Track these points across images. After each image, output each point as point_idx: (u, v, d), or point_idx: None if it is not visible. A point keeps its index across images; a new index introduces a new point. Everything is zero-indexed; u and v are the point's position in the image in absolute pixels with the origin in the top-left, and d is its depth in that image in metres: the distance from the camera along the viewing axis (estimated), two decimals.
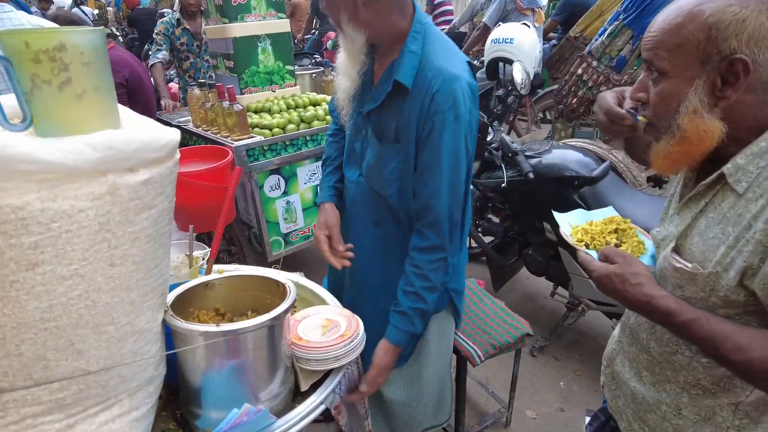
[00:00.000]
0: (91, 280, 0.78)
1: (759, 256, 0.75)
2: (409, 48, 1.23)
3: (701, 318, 0.80)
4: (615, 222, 1.02)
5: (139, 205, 0.83)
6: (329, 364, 1.13)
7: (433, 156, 1.23)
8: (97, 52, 0.81)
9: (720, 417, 0.89)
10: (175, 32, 3.23)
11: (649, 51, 0.82)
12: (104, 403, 0.85)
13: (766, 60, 0.73)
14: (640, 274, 0.85)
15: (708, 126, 0.78)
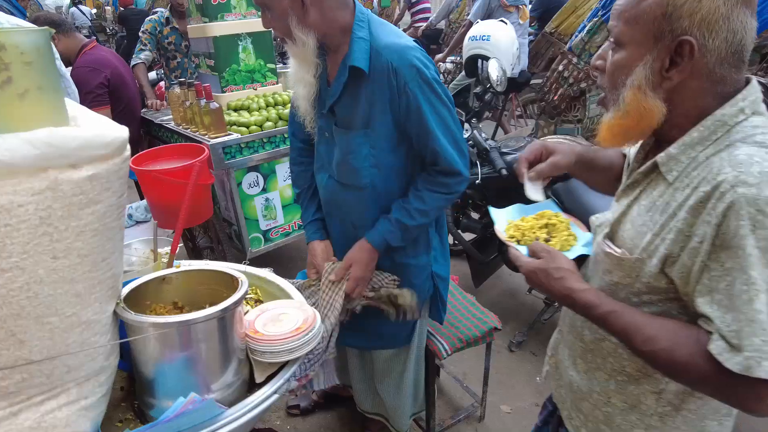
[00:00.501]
0: (32, 272, 0.81)
1: (680, 245, 0.77)
2: (357, 35, 1.29)
3: (617, 310, 0.83)
4: (546, 217, 1.04)
5: (83, 200, 0.86)
6: (283, 357, 1.16)
7: (420, 125, 1.32)
8: (40, 51, 0.83)
9: (644, 405, 0.92)
10: (163, 31, 3.25)
11: (612, 20, 0.83)
12: (50, 392, 0.88)
13: (715, 47, 0.74)
14: (562, 268, 0.88)
15: (649, 104, 0.79)
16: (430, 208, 1.40)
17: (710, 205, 0.73)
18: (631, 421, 0.95)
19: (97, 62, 2.50)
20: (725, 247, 0.72)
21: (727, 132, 0.77)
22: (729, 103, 0.77)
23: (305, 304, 1.32)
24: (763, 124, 0.77)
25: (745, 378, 0.70)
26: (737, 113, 0.77)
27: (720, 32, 0.73)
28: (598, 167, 1.12)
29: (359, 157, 1.37)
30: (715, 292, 0.74)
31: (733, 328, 0.71)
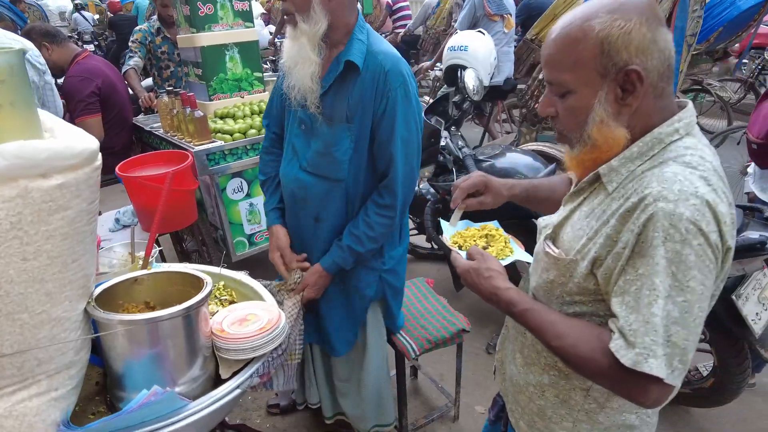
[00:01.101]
0: (3, 272, 0.88)
1: (607, 249, 0.84)
2: (356, 37, 1.39)
3: (534, 308, 0.90)
4: (487, 229, 1.15)
5: (52, 206, 0.93)
6: (247, 354, 1.23)
7: (389, 129, 1.39)
8: (13, 70, 0.91)
9: (573, 400, 0.99)
10: (155, 41, 3.33)
11: (549, 71, 0.87)
12: (21, 383, 0.95)
13: (653, 66, 0.80)
14: (492, 269, 0.96)
15: (614, 134, 0.84)
16: (377, 234, 1.50)
17: (635, 215, 0.79)
18: (561, 415, 1.02)
19: (88, 71, 2.58)
20: (641, 254, 0.79)
21: (663, 149, 0.84)
22: (666, 123, 0.84)
23: (273, 306, 1.39)
24: (693, 145, 0.84)
25: (634, 372, 0.78)
26: (672, 132, 0.84)
27: (654, 53, 0.80)
28: (538, 200, 1.22)
29: (341, 149, 1.43)
30: (626, 294, 0.81)
31: (633, 327, 0.78)
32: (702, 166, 0.80)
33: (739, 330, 1.72)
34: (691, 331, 0.78)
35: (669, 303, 0.76)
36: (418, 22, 7.15)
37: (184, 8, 2.55)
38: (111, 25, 8.92)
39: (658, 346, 0.77)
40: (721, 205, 0.78)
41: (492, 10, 4.05)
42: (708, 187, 0.78)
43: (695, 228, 0.75)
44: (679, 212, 0.75)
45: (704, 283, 0.77)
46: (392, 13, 7.60)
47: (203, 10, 2.50)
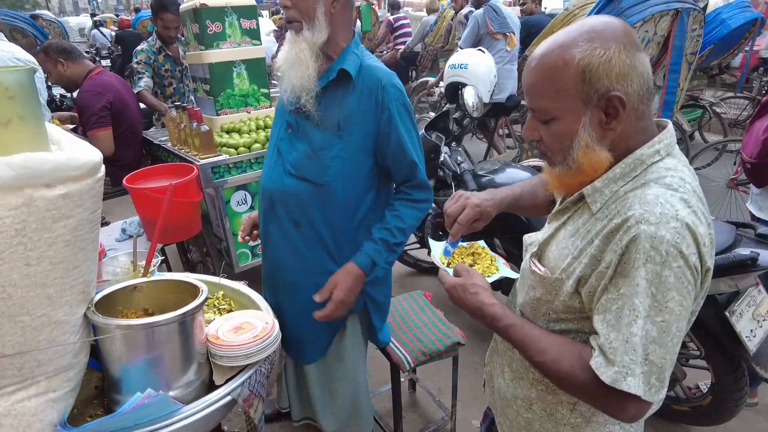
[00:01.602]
0: (7, 276, 0.93)
1: (591, 268, 0.87)
2: (351, 50, 1.45)
3: (518, 324, 0.93)
4: (474, 248, 1.19)
5: (55, 215, 0.98)
6: (240, 361, 1.26)
7: (398, 138, 1.45)
8: (23, 87, 0.97)
9: (560, 414, 1.01)
10: (158, 59, 3.44)
11: (531, 98, 0.90)
12: (21, 383, 1.00)
13: (634, 90, 0.83)
14: (477, 285, 1.00)
15: (599, 157, 0.86)
16: (407, 225, 1.52)
17: (618, 236, 0.82)
18: (548, 429, 1.03)
19: (101, 86, 2.68)
20: (623, 275, 0.81)
21: (645, 170, 0.86)
22: (647, 145, 0.87)
23: (268, 315, 1.43)
24: (674, 166, 0.86)
25: (612, 389, 0.80)
26: (653, 154, 0.87)
27: (633, 78, 0.82)
28: (522, 207, 1.25)
29: (329, 154, 1.46)
30: (607, 312, 0.83)
31: (613, 346, 0.81)
32: (682, 188, 0.83)
33: (734, 347, 1.72)
34: (668, 350, 0.80)
35: (648, 323, 0.79)
36: (416, 39, 7.38)
37: (194, 26, 2.64)
38: (118, 40, 9.62)
39: (636, 365, 0.79)
40: (701, 226, 0.81)
41: (494, 28, 4.12)
42: (688, 209, 0.80)
43: (675, 251, 0.78)
44: (660, 235, 0.78)
45: (682, 303, 0.80)
46: (393, 30, 7.82)
47: (212, 29, 2.59)
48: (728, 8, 4.56)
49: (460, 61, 2.58)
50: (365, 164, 1.50)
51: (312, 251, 1.55)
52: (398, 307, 2.09)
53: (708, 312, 1.70)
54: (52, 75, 2.66)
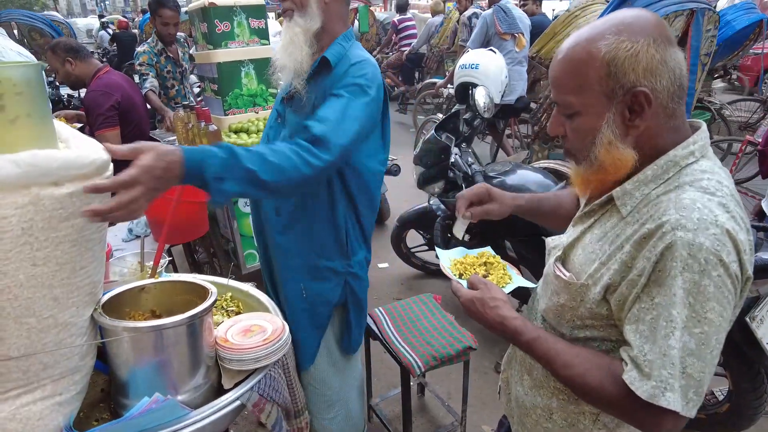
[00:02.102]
0: (14, 276, 0.91)
1: (621, 275, 0.83)
2: (339, 41, 1.46)
3: (541, 337, 0.90)
4: (485, 256, 1.15)
5: (63, 214, 0.96)
6: (249, 365, 1.23)
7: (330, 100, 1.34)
8: (30, 83, 0.95)
9: (582, 424, 0.97)
10: (160, 61, 3.43)
11: (556, 92, 0.87)
12: (26, 386, 0.97)
13: (663, 87, 0.79)
14: (497, 298, 0.96)
15: (623, 155, 0.83)
16: (274, 161, 1.18)
17: (652, 242, 0.78)
18: None
19: (108, 86, 2.67)
20: (658, 283, 0.77)
21: (678, 172, 0.83)
22: (681, 146, 0.83)
23: (277, 317, 1.40)
24: (710, 168, 0.83)
25: (648, 404, 0.76)
26: (688, 155, 0.83)
27: (663, 74, 0.79)
28: (542, 213, 1.21)
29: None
30: (640, 322, 0.79)
31: (648, 358, 0.77)
32: (720, 192, 0.79)
33: (754, 353, 1.68)
34: (707, 363, 0.76)
35: (686, 334, 0.75)
36: (422, 41, 7.41)
37: (202, 26, 2.62)
38: (115, 40, 10.20)
39: (675, 379, 0.75)
40: (741, 233, 0.77)
41: (503, 29, 4.10)
42: (727, 214, 0.77)
43: (715, 259, 0.74)
44: (699, 242, 0.74)
45: (722, 314, 0.76)
46: (398, 32, 7.84)
47: (220, 28, 2.57)
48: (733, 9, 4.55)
49: (471, 62, 2.55)
50: None
51: (296, 238, 1.55)
52: (408, 310, 2.06)
53: None
54: (59, 73, 2.65)
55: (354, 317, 1.66)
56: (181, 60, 3.52)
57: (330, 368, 1.69)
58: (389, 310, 2.05)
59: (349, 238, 1.59)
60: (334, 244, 1.57)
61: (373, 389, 2.32)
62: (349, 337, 1.68)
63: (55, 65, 2.63)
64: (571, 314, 0.93)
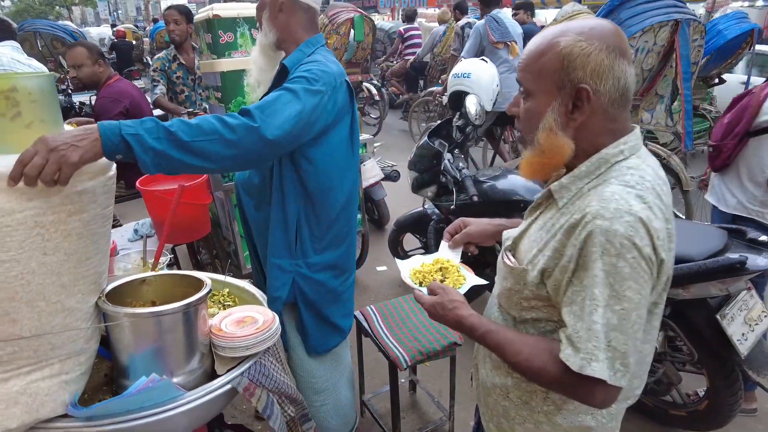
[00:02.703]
0: (26, 264, 1.01)
1: (554, 261, 0.93)
2: (300, 48, 1.56)
3: (493, 330, 0.99)
4: (440, 263, 1.25)
5: (71, 209, 1.06)
6: (240, 353, 1.33)
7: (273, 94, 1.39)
8: (44, 92, 1.06)
9: (534, 401, 1.06)
10: (171, 67, 3.57)
11: (520, 72, 0.97)
12: (36, 364, 1.07)
13: (606, 90, 0.88)
14: (454, 300, 1.06)
15: (560, 142, 0.92)
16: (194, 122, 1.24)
17: (577, 231, 0.88)
18: (523, 416, 1.09)
19: (118, 93, 2.81)
20: (583, 267, 0.87)
21: (608, 169, 0.91)
22: (612, 145, 0.92)
23: (268, 310, 1.50)
24: (636, 165, 0.91)
25: (581, 376, 0.86)
26: (618, 153, 0.92)
27: (608, 79, 0.88)
28: None
29: None
30: (573, 303, 0.89)
31: (579, 335, 0.87)
32: (640, 185, 0.88)
33: (726, 350, 1.75)
34: (629, 337, 0.85)
35: (608, 311, 0.84)
36: (426, 50, 7.57)
37: (207, 36, 2.75)
38: (114, 48, 11.39)
39: (600, 351, 0.84)
40: (656, 221, 0.86)
41: (495, 38, 4.24)
42: (643, 204, 0.85)
43: (629, 243, 0.83)
44: (614, 229, 0.83)
45: (640, 292, 0.85)
46: (404, 40, 7.99)
47: (224, 38, 2.69)
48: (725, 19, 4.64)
49: (463, 71, 2.65)
50: None
51: (273, 230, 1.61)
52: (398, 308, 2.15)
53: (700, 315, 1.74)
54: (83, 69, 2.78)
55: (307, 319, 1.67)
56: (195, 68, 3.66)
57: (310, 359, 1.75)
58: (380, 308, 2.15)
59: (301, 238, 1.61)
60: (282, 240, 1.60)
61: (366, 386, 2.40)
62: (306, 339, 1.70)
63: (86, 62, 2.78)
64: (517, 297, 1.03)
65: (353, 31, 6.49)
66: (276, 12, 1.56)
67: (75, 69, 2.78)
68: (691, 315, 1.79)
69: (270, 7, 1.56)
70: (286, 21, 1.56)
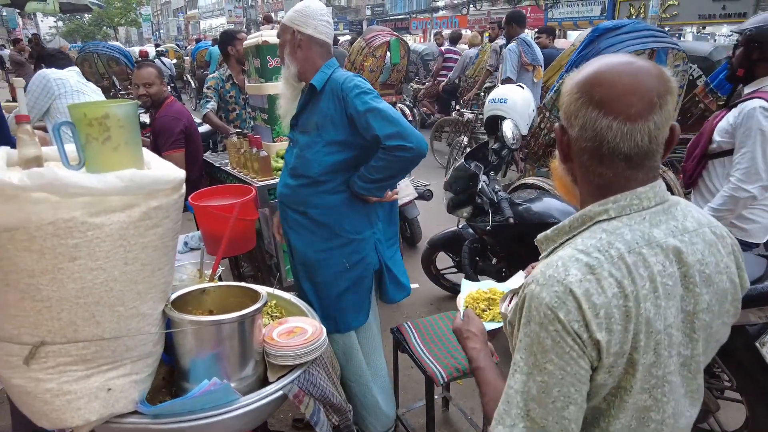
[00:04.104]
0: (110, 272, 1.13)
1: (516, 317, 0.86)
2: (322, 70, 1.82)
3: (485, 369, 1.02)
4: (492, 293, 1.34)
5: (149, 224, 1.18)
6: (291, 361, 1.42)
7: (359, 116, 1.71)
8: (129, 118, 1.19)
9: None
10: (225, 86, 3.76)
11: None
12: (113, 363, 1.18)
13: (574, 135, 0.83)
14: (471, 331, 1.14)
15: (561, 173, 0.92)
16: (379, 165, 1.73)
17: (522, 291, 0.85)
18: None
19: (178, 113, 3.00)
20: (520, 329, 0.83)
21: (588, 227, 0.84)
22: (599, 203, 0.84)
23: (316, 321, 1.59)
24: (614, 229, 0.81)
25: None
26: (602, 212, 0.83)
27: (575, 124, 0.82)
28: None
29: (312, 151, 1.83)
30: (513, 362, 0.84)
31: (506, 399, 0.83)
32: (598, 253, 0.79)
33: (765, 378, 1.74)
34: (549, 412, 0.78)
35: (530, 380, 0.79)
36: (457, 72, 7.73)
37: (255, 61, 2.91)
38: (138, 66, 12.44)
39: (519, 419, 0.80)
40: (598, 296, 0.77)
41: (528, 59, 4.53)
42: (583, 275, 0.77)
43: (552, 314, 0.77)
44: (541, 297, 0.78)
45: (564, 368, 0.77)
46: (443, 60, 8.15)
47: (271, 63, 2.84)
48: None
49: (500, 96, 2.72)
50: (341, 156, 1.81)
51: (313, 235, 1.90)
52: (434, 326, 2.20)
53: (738, 343, 1.74)
54: (153, 87, 3.00)
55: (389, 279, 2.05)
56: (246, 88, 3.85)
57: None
58: (417, 324, 2.20)
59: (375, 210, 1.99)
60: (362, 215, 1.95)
61: (401, 401, 2.45)
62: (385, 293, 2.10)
63: (155, 81, 3.02)
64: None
65: (389, 53, 6.66)
66: (295, 48, 1.81)
67: (145, 87, 2.99)
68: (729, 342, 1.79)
69: (289, 45, 1.81)
70: (304, 55, 1.81)
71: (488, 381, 1.00)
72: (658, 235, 0.82)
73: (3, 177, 1.03)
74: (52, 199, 1.04)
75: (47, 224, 1.04)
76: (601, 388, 0.82)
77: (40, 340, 1.10)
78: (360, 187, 1.81)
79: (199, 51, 12.86)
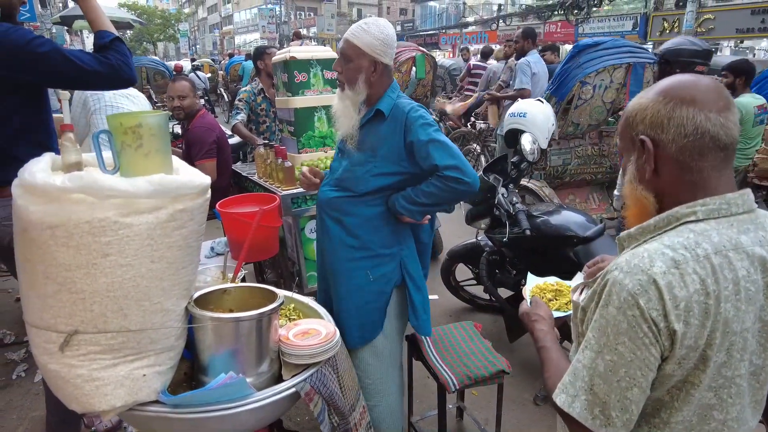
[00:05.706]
0: (138, 269, 1.22)
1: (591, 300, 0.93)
2: (388, 95, 1.87)
3: (549, 348, 1.08)
4: (559, 286, 1.40)
5: (174, 225, 1.27)
6: (305, 360, 1.48)
7: (420, 147, 1.76)
8: (160, 127, 1.29)
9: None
10: (256, 99, 3.93)
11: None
12: (137, 355, 1.27)
13: (669, 138, 0.87)
14: (539, 314, 1.19)
15: (639, 195, 0.93)
16: (427, 189, 1.77)
17: (602, 276, 0.90)
18: None
19: (210, 124, 3.17)
20: (596, 311, 0.89)
21: (674, 227, 0.87)
22: (688, 204, 0.87)
23: (331, 324, 1.65)
24: (702, 230, 0.85)
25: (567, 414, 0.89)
26: (689, 213, 0.87)
27: (669, 128, 0.86)
28: None
29: (363, 169, 1.87)
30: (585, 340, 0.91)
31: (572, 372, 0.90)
32: (685, 250, 0.83)
33: None
34: (612, 389, 0.84)
35: (599, 357, 0.85)
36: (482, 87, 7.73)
37: (283, 75, 3.03)
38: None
39: (582, 392, 0.87)
40: (680, 289, 0.81)
41: None
42: (671, 269, 0.81)
43: (633, 300, 0.82)
44: (624, 283, 0.83)
45: (635, 352, 0.83)
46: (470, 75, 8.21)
47: (299, 78, 2.96)
48: None
49: (520, 110, 2.76)
50: (390, 178, 1.86)
51: (343, 244, 1.92)
52: (448, 334, 2.24)
53: None
54: (187, 100, 3.19)
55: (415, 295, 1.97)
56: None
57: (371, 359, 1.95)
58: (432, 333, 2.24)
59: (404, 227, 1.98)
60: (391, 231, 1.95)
61: (414, 409, 2.48)
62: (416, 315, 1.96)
63: (189, 94, 3.20)
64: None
65: (414, 68, 6.76)
66: (370, 74, 1.84)
67: (180, 99, 3.17)
68: None
69: (365, 72, 1.83)
70: (379, 81, 1.85)
71: (552, 359, 1.05)
72: (745, 241, 0.86)
73: (48, 180, 1.14)
74: (89, 200, 1.15)
75: (84, 223, 1.15)
76: (667, 378, 0.86)
77: (74, 329, 1.20)
78: (402, 206, 1.83)
79: (233, 65, 13.29)
